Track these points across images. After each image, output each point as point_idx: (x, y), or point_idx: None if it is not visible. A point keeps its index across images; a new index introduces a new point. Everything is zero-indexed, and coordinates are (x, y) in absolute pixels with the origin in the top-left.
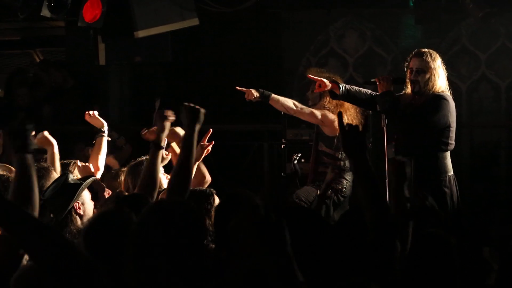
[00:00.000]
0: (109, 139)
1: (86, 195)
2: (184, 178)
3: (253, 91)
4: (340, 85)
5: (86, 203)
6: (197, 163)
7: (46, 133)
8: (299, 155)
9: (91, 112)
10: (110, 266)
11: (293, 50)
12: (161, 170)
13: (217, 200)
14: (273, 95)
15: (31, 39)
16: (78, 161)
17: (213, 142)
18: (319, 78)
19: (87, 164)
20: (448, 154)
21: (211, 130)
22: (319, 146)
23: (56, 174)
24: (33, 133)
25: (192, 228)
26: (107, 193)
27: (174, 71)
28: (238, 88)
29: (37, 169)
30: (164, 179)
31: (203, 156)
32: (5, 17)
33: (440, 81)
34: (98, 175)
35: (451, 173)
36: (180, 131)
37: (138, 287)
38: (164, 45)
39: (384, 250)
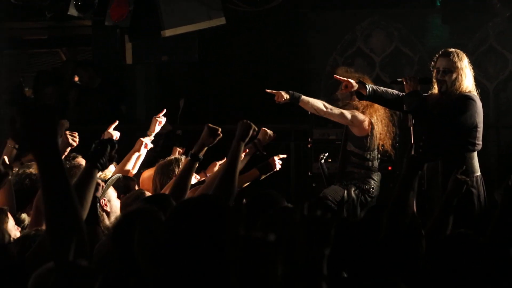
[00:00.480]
0: (152, 146)
1: (112, 192)
2: (229, 187)
3: (283, 93)
4: (367, 86)
5: (112, 200)
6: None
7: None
8: (326, 154)
9: (162, 118)
10: (138, 264)
11: (320, 50)
12: None
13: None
14: (303, 97)
15: (58, 38)
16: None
17: None
18: (345, 79)
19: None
20: (475, 154)
21: None
22: (348, 146)
23: None
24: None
25: (216, 225)
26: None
27: (200, 70)
28: (268, 90)
29: (69, 167)
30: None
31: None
32: (33, 16)
33: (467, 81)
34: None
35: (479, 173)
36: None
37: (161, 284)
38: (191, 45)
39: (400, 249)
